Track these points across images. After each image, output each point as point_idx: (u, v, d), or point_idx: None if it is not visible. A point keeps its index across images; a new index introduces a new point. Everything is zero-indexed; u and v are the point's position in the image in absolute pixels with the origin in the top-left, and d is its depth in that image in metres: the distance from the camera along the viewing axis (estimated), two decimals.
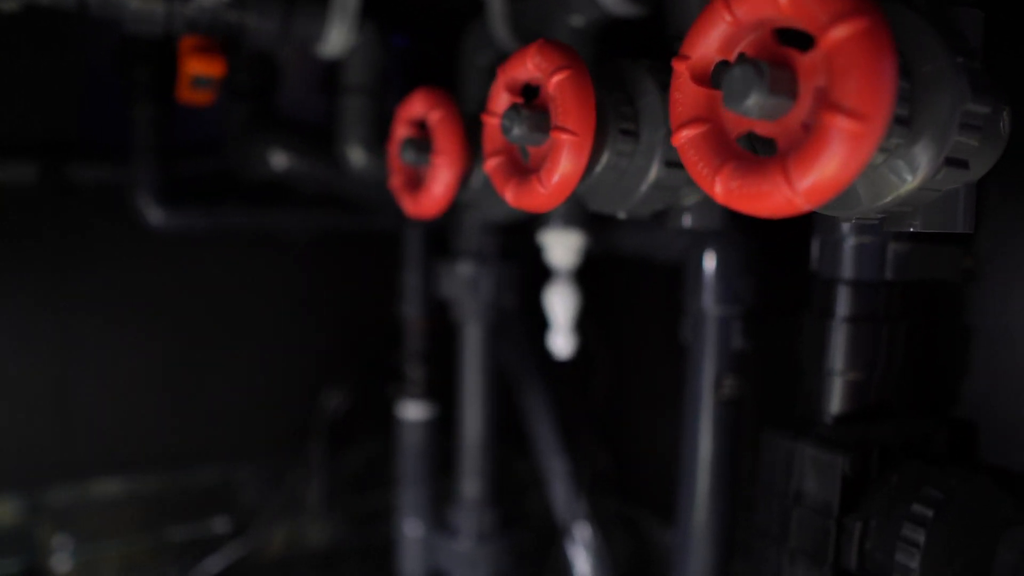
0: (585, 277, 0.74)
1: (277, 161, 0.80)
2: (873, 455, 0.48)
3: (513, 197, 0.46)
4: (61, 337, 0.96)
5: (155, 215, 0.85)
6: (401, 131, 0.60)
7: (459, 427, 0.85)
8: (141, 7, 0.61)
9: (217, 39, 0.66)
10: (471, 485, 0.84)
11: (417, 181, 0.61)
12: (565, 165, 0.42)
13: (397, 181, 0.62)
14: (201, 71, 0.62)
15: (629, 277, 0.94)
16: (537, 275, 0.86)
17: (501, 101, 0.48)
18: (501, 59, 0.76)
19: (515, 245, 0.83)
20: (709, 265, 0.61)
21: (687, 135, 0.35)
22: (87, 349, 0.98)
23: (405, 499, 0.97)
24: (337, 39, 0.70)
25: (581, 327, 0.75)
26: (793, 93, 0.31)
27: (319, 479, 1.11)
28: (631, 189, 0.48)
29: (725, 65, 0.34)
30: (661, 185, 0.47)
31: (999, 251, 0.56)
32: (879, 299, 0.51)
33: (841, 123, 0.29)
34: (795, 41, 0.32)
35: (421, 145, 0.57)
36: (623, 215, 0.50)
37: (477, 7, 0.74)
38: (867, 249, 0.51)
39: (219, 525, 1.08)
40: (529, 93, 0.47)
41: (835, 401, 0.51)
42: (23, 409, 0.95)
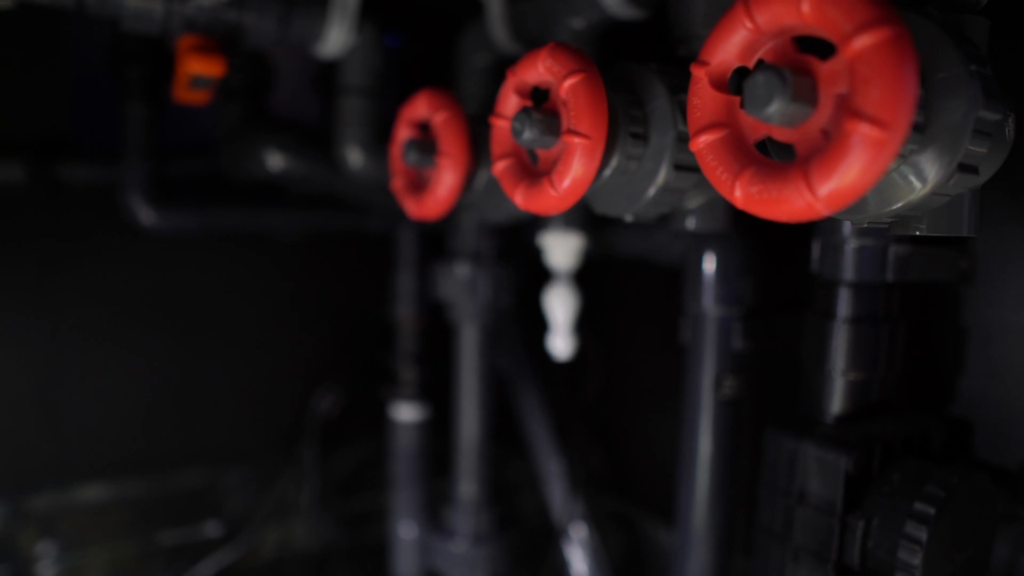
0: (578, 278, 0.75)
1: (273, 162, 0.80)
2: (875, 454, 0.49)
3: (523, 200, 0.46)
4: (47, 338, 0.95)
5: (146, 215, 0.84)
6: (404, 132, 0.60)
7: (455, 428, 0.85)
8: (140, 5, 0.61)
9: (215, 38, 0.65)
10: (468, 486, 0.84)
11: (420, 183, 0.61)
12: (577, 168, 0.42)
13: (399, 183, 0.61)
14: (201, 71, 0.61)
15: (621, 278, 0.95)
16: (532, 277, 0.86)
17: (510, 104, 0.48)
18: (499, 61, 0.77)
19: (511, 246, 0.83)
20: (709, 266, 0.62)
21: (706, 140, 0.35)
22: (73, 350, 0.97)
23: (399, 501, 0.97)
24: (336, 39, 0.70)
25: (577, 328, 0.75)
26: (813, 100, 0.32)
27: (310, 481, 1.10)
28: (639, 192, 0.48)
29: (744, 71, 0.35)
30: (669, 188, 0.48)
31: (994, 253, 0.57)
32: (880, 300, 0.52)
33: (864, 130, 0.29)
34: (813, 49, 0.33)
35: (425, 147, 0.57)
36: (630, 218, 0.51)
37: (473, 8, 0.74)
38: (868, 252, 0.52)
39: (209, 529, 1.07)
40: (537, 97, 0.48)
41: (837, 401, 0.52)
42: (6, 411, 0.94)
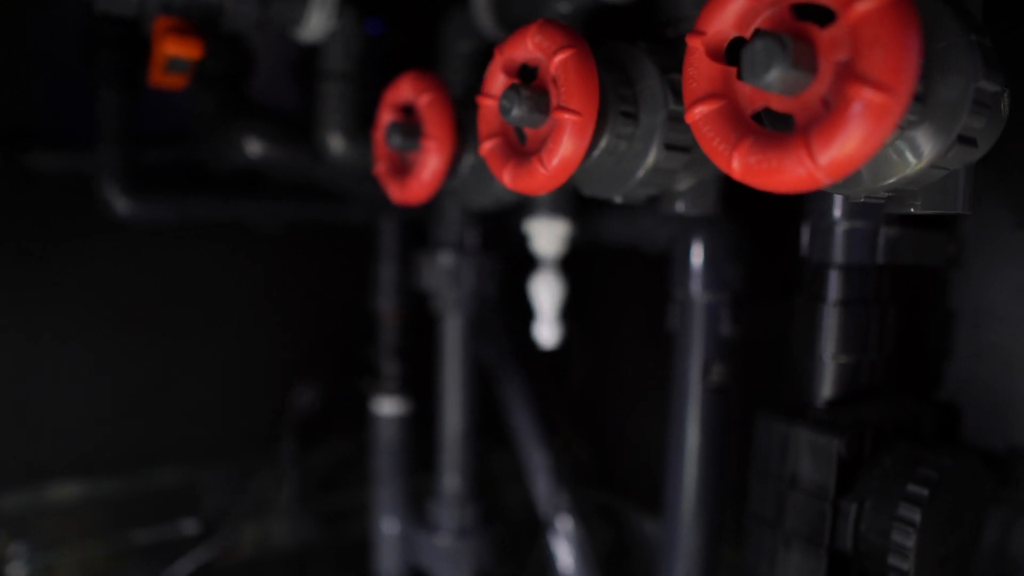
0: (562, 267, 0.74)
1: (252, 149, 0.78)
2: (867, 437, 0.49)
3: (511, 179, 0.45)
4: (18, 332, 0.93)
5: (122, 205, 0.82)
6: (387, 116, 0.59)
7: (439, 420, 0.84)
8: None
9: (192, 21, 0.63)
10: (451, 479, 0.83)
11: (403, 167, 0.60)
12: (568, 146, 0.41)
13: (382, 167, 0.60)
14: (178, 52, 0.59)
15: (605, 267, 0.94)
16: (516, 267, 0.85)
17: (497, 82, 0.47)
18: (483, 47, 0.76)
19: (495, 236, 0.82)
20: (697, 252, 0.61)
21: (702, 111, 0.34)
22: (45, 345, 0.94)
23: (381, 496, 0.95)
24: (317, 23, 0.68)
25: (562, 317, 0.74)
26: (813, 67, 0.31)
27: (290, 478, 1.08)
28: (629, 173, 0.48)
29: (741, 41, 0.34)
30: (659, 168, 0.47)
31: (981, 238, 0.57)
32: (870, 283, 0.52)
33: (867, 95, 0.28)
34: (810, 18, 0.32)
35: (409, 130, 0.56)
36: (619, 199, 0.50)
37: None
38: (859, 234, 0.51)
39: (185, 528, 1.06)
40: (524, 77, 0.47)
41: (828, 384, 0.52)
42: None
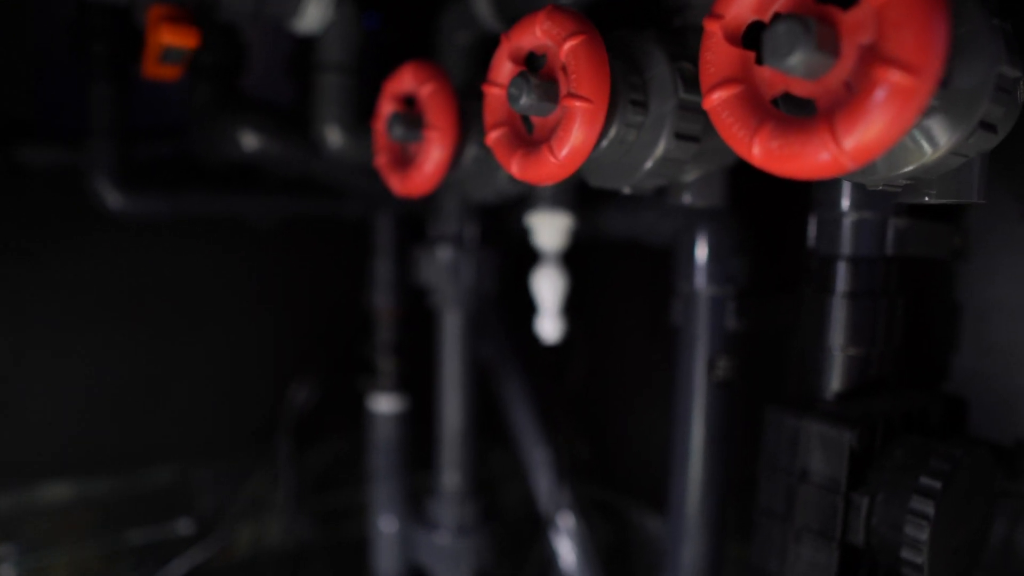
0: (563, 261, 0.73)
1: (248, 142, 0.77)
2: (878, 430, 0.48)
3: (519, 169, 0.44)
4: (7, 330, 0.91)
5: (114, 199, 0.81)
6: (388, 107, 0.58)
7: (438, 418, 0.83)
8: None
9: (187, 10, 0.62)
10: (451, 476, 0.82)
11: (404, 159, 0.59)
12: (578, 134, 0.41)
13: (383, 159, 0.59)
14: (173, 42, 0.58)
15: (606, 262, 0.93)
16: (515, 263, 0.85)
17: (504, 70, 0.46)
18: (482, 39, 0.75)
19: (495, 231, 0.81)
20: (702, 245, 0.61)
21: (720, 96, 0.34)
22: (36, 341, 0.93)
23: (379, 495, 0.95)
24: (314, 14, 0.67)
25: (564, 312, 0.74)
26: (836, 50, 0.30)
27: (285, 477, 1.07)
28: (637, 163, 0.47)
29: (759, 26, 0.33)
30: (669, 158, 0.46)
31: (987, 230, 0.57)
32: (879, 274, 0.51)
33: (894, 77, 0.28)
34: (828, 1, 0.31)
35: (411, 120, 0.55)
36: (628, 190, 0.49)
37: None
38: (867, 225, 0.51)
39: (179, 528, 1.04)
40: (531, 66, 0.46)
41: (836, 377, 0.51)
42: None
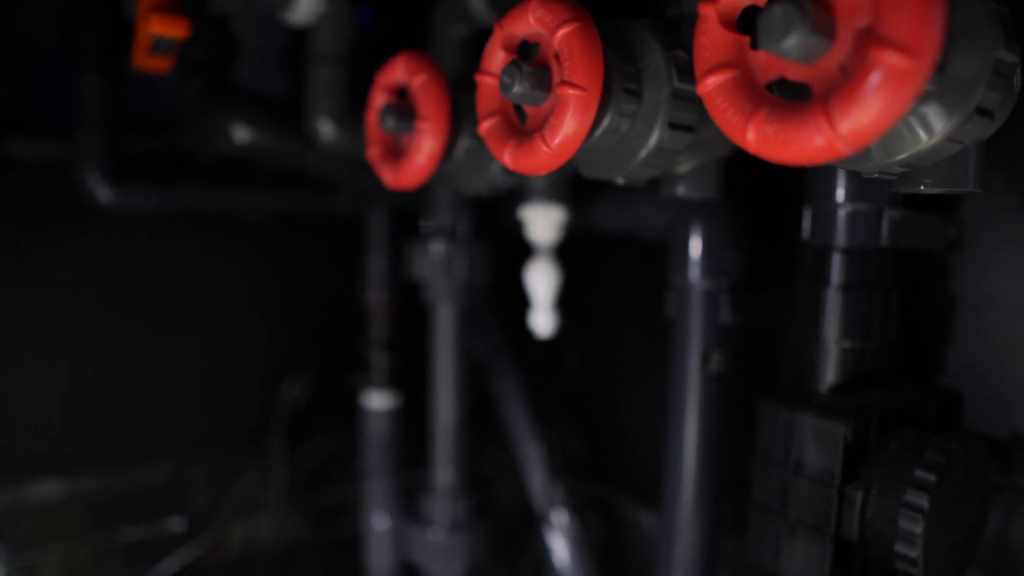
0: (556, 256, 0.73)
1: (239, 135, 0.76)
2: (872, 423, 0.48)
3: (512, 159, 0.44)
4: None
5: (104, 193, 0.80)
6: (380, 98, 0.57)
7: (431, 414, 0.82)
8: None
9: (177, 1, 0.62)
10: (444, 473, 0.82)
11: (397, 151, 0.58)
12: (571, 123, 0.40)
13: (375, 151, 0.59)
14: (163, 32, 0.58)
15: (599, 256, 0.93)
16: (509, 258, 0.84)
17: (497, 59, 0.46)
18: (475, 32, 0.75)
19: (488, 225, 0.81)
20: (696, 238, 0.60)
21: (715, 81, 0.33)
22: (25, 339, 0.92)
23: (372, 492, 0.94)
24: (306, 5, 0.67)
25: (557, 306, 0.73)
26: (831, 33, 0.30)
27: (278, 474, 1.06)
28: (631, 153, 0.46)
29: (753, 11, 0.33)
30: (663, 148, 0.46)
31: (982, 223, 0.56)
32: (874, 266, 0.51)
33: (890, 59, 0.27)
34: None
35: (403, 112, 0.55)
36: (621, 180, 0.49)
37: None
38: (862, 216, 0.50)
39: (171, 526, 1.03)
40: (524, 55, 0.46)
41: (831, 370, 0.51)
42: None
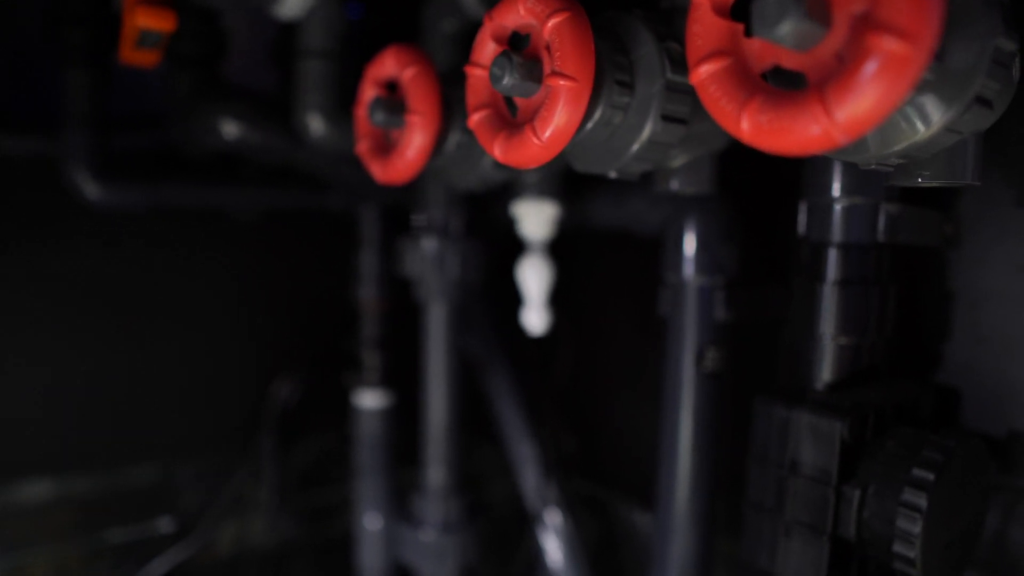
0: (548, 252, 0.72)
1: (228, 131, 0.75)
2: (869, 421, 0.47)
3: (502, 152, 0.43)
4: None
5: (91, 190, 0.79)
6: (370, 92, 0.56)
7: (423, 411, 0.81)
8: None
9: None
10: (436, 472, 0.81)
11: (387, 146, 0.57)
12: (562, 114, 0.39)
13: (365, 146, 0.58)
14: (149, 24, 0.57)
15: (591, 251, 0.92)
16: (501, 256, 0.83)
17: (487, 51, 0.45)
18: (467, 27, 0.74)
19: (481, 222, 0.80)
20: (690, 233, 0.60)
21: (708, 70, 0.32)
22: (12, 336, 0.91)
23: (364, 491, 0.93)
24: None
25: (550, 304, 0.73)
26: (827, 20, 0.29)
27: (269, 474, 1.05)
28: (623, 146, 0.46)
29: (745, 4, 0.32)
30: (655, 142, 0.45)
31: (979, 217, 0.56)
32: (870, 262, 0.50)
33: (888, 44, 0.27)
34: None
35: (393, 106, 0.54)
36: (613, 174, 0.48)
37: None
38: (858, 211, 0.50)
39: (160, 527, 1.03)
40: (514, 47, 0.45)
41: (827, 367, 0.50)
42: None
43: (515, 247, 0.73)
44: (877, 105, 0.28)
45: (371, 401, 0.93)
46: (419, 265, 0.76)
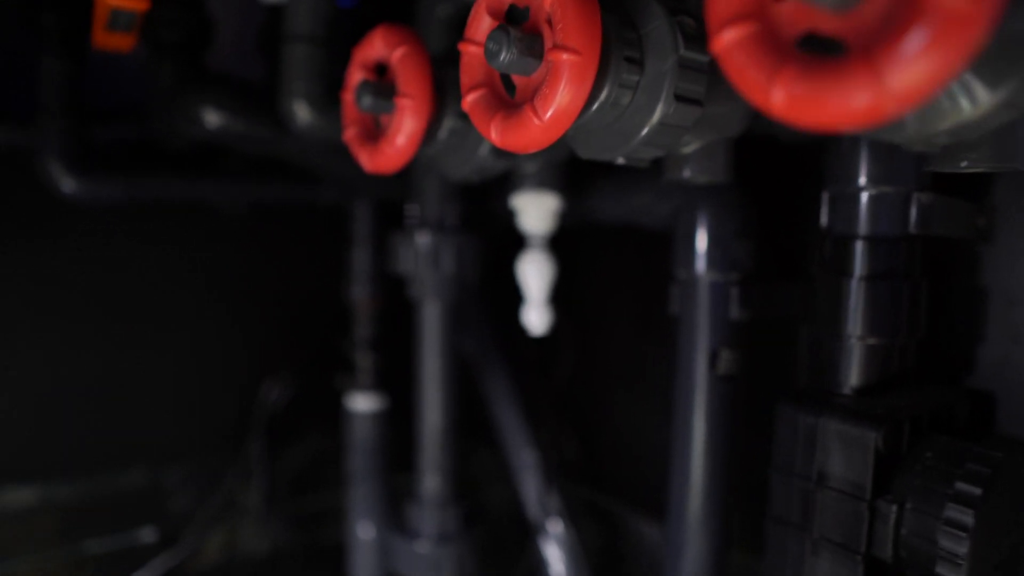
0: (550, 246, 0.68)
1: (210, 119, 0.71)
2: (904, 430, 0.43)
3: (500, 135, 0.39)
4: None
5: (67, 183, 0.75)
6: (358, 75, 0.53)
7: (417, 416, 0.77)
8: None
9: None
10: (431, 480, 0.77)
11: (376, 133, 0.54)
12: (565, 92, 0.36)
13: (352, 133, 0.54)
14: (121, 3, 0.52)
15: (593, 249, 0.88)
16: (499, 254, 0.79)
17: (482, 27, 0.41)
18: (464, 10, 0.70)
19: (478, 217, 0.76)
20: (703, 226, 0.55)
21: (733, 35, 0.28)
22: None
23: (356, 498, 0.90)
24: None
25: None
26: None
27: (259, 480, 1.02)
28: (632, 129, 0.42)
29: None
30: (667, 124, 0.41)
31: (1013, 208, 0.51)
32: (901, 255, 0.46)
33: (949, 1, 0.23)
34: None
35: (381, 89, 0.50)
36: (621, 160, 0.44)
37: None
38: (887, 200, 0.46)
39: (147, 534, 0.99)
40: (512, 21, 0.41)
41: (856, 370, 0.46)
42: None
43: (514, 244, 0.69)
44: (936, 71, 0.24)
45: (364, 404, 0.90)
46: (413, 261, 0.72)
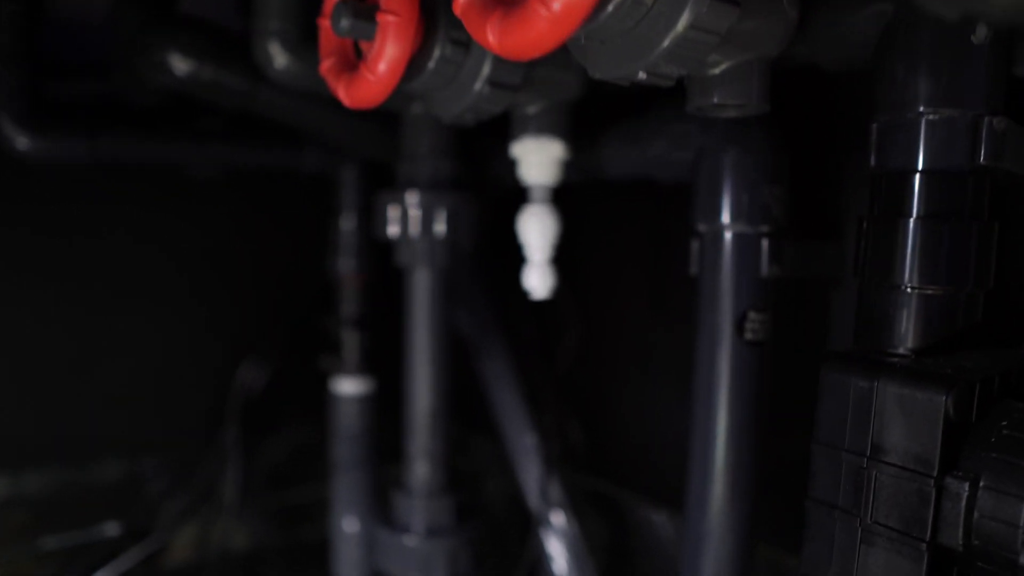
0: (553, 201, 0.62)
1: (178, 67, 0.64)
2: (976, 394, 0.36)
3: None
4: None
5: (22, 140, 0.71)
6: None
7: (406, 397, 0.71)
8: None
9: None
10: (421, 467, 0.71)
11: (354, 64, 0.47)
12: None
13: (328, 64, 0.49)
14: None
15: (599, 217, 0.81)
16: (495, 220, 0.73)
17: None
18: None
19: (472, 173, 0.69)
20: (728, 170, 0.49)
21: None
22: None
23: (341, 490, 0.86)
24: None
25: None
26: None
27: (235, 471, 0.97)
28: (655, 36, 0.35)
29: None
30: (698, 27, 0.35)
31: None
32: (967, 191, 0.40)
33: None
34: None
35: (361, 11, 0.44)
36: (643, 75, 0.37)
37: None
38: (951, 126, 0.39)
39: (118, 528, 0.95)
40: None
41: (914, 325, 0.40)
42: None
43: (515, 209, 0.62)
44: None
45: (350, 388, 0.85)
46: (401, 223, 0.65)
